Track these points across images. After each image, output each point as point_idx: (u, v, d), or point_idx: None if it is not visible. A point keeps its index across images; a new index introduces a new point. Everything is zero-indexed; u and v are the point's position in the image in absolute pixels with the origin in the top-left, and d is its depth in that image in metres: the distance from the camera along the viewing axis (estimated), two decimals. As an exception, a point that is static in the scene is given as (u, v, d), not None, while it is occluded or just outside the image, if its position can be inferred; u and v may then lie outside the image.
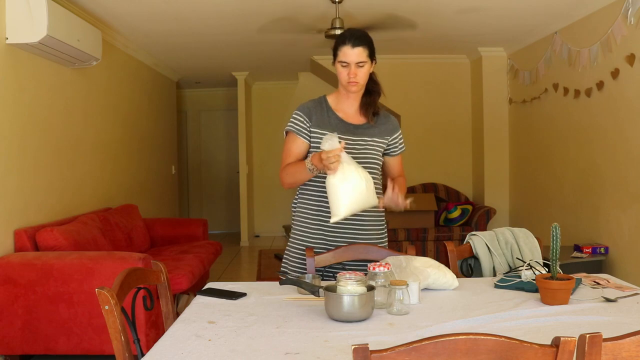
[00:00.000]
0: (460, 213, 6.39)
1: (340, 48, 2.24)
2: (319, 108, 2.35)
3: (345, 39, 2.23)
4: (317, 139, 2.29)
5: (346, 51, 2.21)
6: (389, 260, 2.01)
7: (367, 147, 2.33)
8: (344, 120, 2.35)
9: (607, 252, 4.53)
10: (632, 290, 1.92)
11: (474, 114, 6.95)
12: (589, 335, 1.03)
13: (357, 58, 2.21)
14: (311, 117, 2.32)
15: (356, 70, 2.23)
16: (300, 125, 2.32)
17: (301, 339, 1.49)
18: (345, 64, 2.23)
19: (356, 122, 2.36)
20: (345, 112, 2.36)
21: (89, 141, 4.78)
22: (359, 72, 2.24)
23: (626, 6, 4.13)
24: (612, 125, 4.46)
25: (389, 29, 5.23)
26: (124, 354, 1.52)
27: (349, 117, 2.36)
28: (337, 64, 2.27)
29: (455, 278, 1.99)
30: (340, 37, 2.27)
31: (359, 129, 2.34)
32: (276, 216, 9.07)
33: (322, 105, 2.37)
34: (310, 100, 2.41)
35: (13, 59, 3.62)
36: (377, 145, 2.36)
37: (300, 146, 2.33)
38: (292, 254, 2.41)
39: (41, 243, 3.57)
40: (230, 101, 9.27)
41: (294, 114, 2.36)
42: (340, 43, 2.24)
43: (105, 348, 3.25)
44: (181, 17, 4.82)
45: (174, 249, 4.93)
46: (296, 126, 2.33)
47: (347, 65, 2.23)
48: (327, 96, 2.41)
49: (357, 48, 2.21)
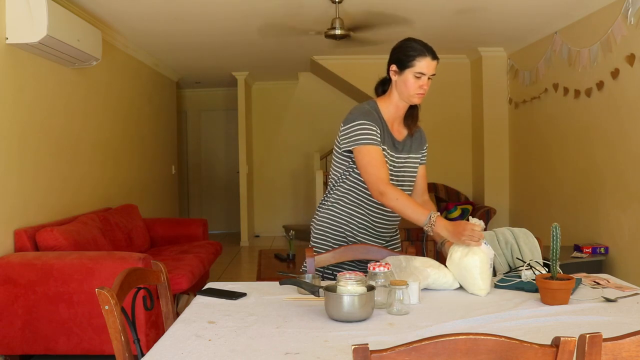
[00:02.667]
0: (460, 213, 6.39)
1: (419, 59, 2.18)
2: (378, 120, 2.26)
3: (424, 51, 2.19)
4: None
5: (428, 63, 2.19)
6: (388, 260, 2.01)
7: (406, 164, 2.33)
8: (392, 135, 2.31)
9: (607, 252, 4.53)
10: (632, 290, 1.92)
11: (474, 114, 6.95)
12: (589, 335, 1.03)
13: (434, 70, 2.21)
14: (377, 128, 2.24)
15: (428, 82, 2.22)
16: (377, 135, 2.22)
17: (301, 339, 1.49)
18: (420, 75, 2.20)
19: (399, 137, 2.33)
20: (392, 124, 2.32)
21: (89, 141, 4.78)
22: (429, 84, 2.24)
23: (626, 6, 4.13)
24: (612, 125, 4.46)
25: (389, 29, 5.23)
26: (124, 354, 1.52)
27: (394, 130, 2.32)
28: (409, 74, 2.20)
29: (455, 279, 1.99)
30: (415, 48, 2.20)
31: (400, 145, 2.32)
32: (276, 216, 9.07)
33: (378, 115, 2.29)
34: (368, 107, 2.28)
35: (13, 59, 3.62)
36: (414, 160, 2.37)
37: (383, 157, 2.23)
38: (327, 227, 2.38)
39: (41, 243, 3.57)
40: (230, 101, 9.27)
41: (363, 124, 2.21)
42: (420, 54, 2.19)
43: (105, 348, 3.25)
44: (181, 17, 4.82)
45: (174, 249, 4.93)
46: (374, 136, 2.20)
47: (421, 76, 2.20)
48: (379, 103, 2.32)
49: (435, 61, 2.21)
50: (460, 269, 1.94)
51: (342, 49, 6.26)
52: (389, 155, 2.26)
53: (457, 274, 1.96)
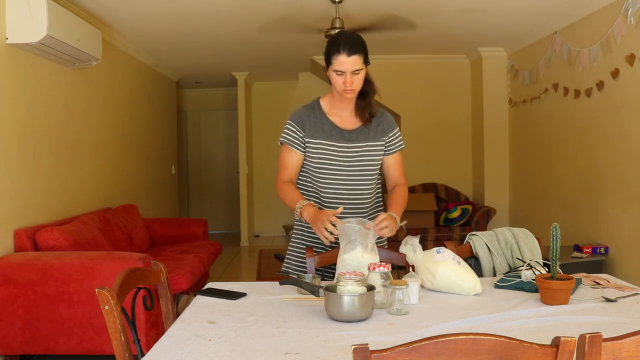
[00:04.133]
0: (460, 213, 6.39)
1: (334, 56, 2.12)
2: (312, 115, 2.29)
3: (339, 46, 2.09)
4: (312, 148, 2.25)
5: (341, 60, 2.10)
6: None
7: (362, 154, 2.27)
8: (338, 126, 2.28)
9: (607, 252, 4.53)
10: (632, 290, 1.92)
11: (474, 114, 6.95)
12: (589, 335, 1.03)
13: (352, 67, 2.11)
14: (304, 126, 2.27)
15: (352, 78, 2.13)
16: (294, 136, 2.27)
17: (301, 339, 1.49)
18: (341, 73, 2.12)
19: (350, 127, 2.29)
20: (339, 116, 2.30)
21: (89, 141, 4.78)
22: (355, 80, 2.14)
23: (626, 6, 4.13)
24: (612, 125, 4.46)
25: (389, 29, 5.23)
26: (124, 354, 1.52)
27: (344, 121, 2.30)
28: (331, 72, 2.16)
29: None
30: (333, 43, 2.13)
31: (352, 134, 2.28)
32: (276, 216, 9.07)
33: (316, 111, 2.30)
34: (303, 107, 2.33)
35: (13, 59, 3.62)
36: (373, 149, 2.29)
37: (294, 157, 2.28)
38: (294, 253, 2.40)
39: (41, 243, 3.57)
40: (230, 101, 9.27)
41: (287, 124, 2.30)
42: (334, 51, 2.11)
43: (105, 348, 3.25)
44: (181, 17, 4.82)
45: (174, 249, 4.93)
46: (289, 137, 2.28)
47: (342, 73, 2.12)
48: (321, 99, 2.34)
49: (352, 56, 2.09)
50: (442, 284, 1.93)
51: (342, 49, 6.25)
52: (329, 146, 2.23)
53: (442, 287, 1.94)
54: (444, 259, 1.94)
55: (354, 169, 2.26)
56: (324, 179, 2.26)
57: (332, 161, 2.25)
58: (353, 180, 2.27)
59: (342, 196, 2.26)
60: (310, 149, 2.26)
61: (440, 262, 1.94)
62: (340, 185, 2.27)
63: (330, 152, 2.25)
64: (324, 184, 2.26)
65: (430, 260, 1.96)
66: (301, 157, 2.29)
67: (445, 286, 1.93)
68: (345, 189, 2.27)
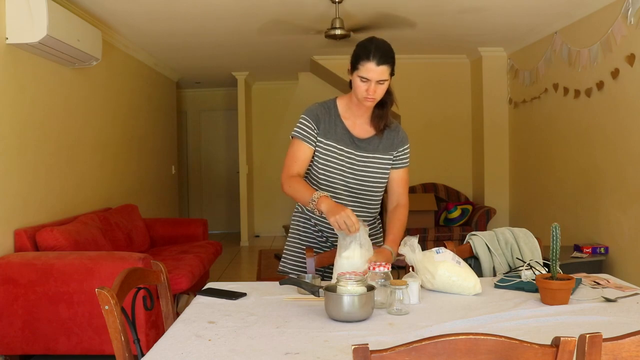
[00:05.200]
0: (460, 213, 6.39)
1: (362, 62, 2.06)
2: (327, 114, 2.24)
3: (369, 53, 2.04)
4: (321, 148, 2.22)
5: (369, 67, 2.04)
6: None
7: (367, 164, 2.24)
8: (350, 131, 2.24)
9: (607, 252, 4.53)
10: (632, 290, 1.92)
11: (474, 114, 6.95)
12: (589, 335, 1.03)
13: (379, 76, 2.06)
14: (319, 123, 2.23)
15: (376, 87, 2.08)
16: (307, 132, 2.23)
17: (301, 339, 1.49)
18: (366, 80, 2.07)
19: (362, 135, 2.25)
20: (353, 122, 2.25)
21: (89, 141, 4.78)
22: (378, 89, 2.09)
23: (626, 6, 4.13)
24: (612, 125, 4.46)
25: (389, 29, 5.23)
26: (124, 354, 1.52)
27: (357, 128, 2.25)
28: (356, 77, 2.10)
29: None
30: (364, 49, 2.08)
31: (363, 143, 2.24)
32: (276, 216, 9.07)
33: (331, 112, 2.25)
34: (319, 104, 2.28)
35: (13, 59, 3.62)
36: (379, 162, 2.26)
37: (306, 152, 2.23)
38: (291, 253, 2.40)
39: (41, 243, 3.57)
40: (230, 101, 9.27)
41: (302, 118, 2.25)
42: (364, 57, 2.06)
43: (105, 348, 3.25)
44: (181, 17, 4.82)
45: (174, 249, 4.93)
46: (303, 132, 2.23)
47: (367, 81, 2.07)
48: (338, 100, 2.28)
49: (381, 66, 2.04)
50: (442, 284, 1.93)
51: (342, 49, 6.25)
52: (338, 150, 2.21)
53: (442, 288, 1.94)
54: (443, 259, 1.95)
55: (356, 178, 2.24)
56: (324, 181, 2.24)
57: (337, 165, 2.22)
58: (353, 188, 2.25)
59: (339, 202, 2.19)
60: (319, 148, 2.23)
61: (440, 262, 1.94)
62: (339, 190, 2.24)
63: (337, 156, 2.22)
64: (324, 187, 2.25)
65: (430, 260, 1.96)
66: (312, 153, 2.25)
67: (445, 286, 1.93)
68: (344, 195, 2.25)
